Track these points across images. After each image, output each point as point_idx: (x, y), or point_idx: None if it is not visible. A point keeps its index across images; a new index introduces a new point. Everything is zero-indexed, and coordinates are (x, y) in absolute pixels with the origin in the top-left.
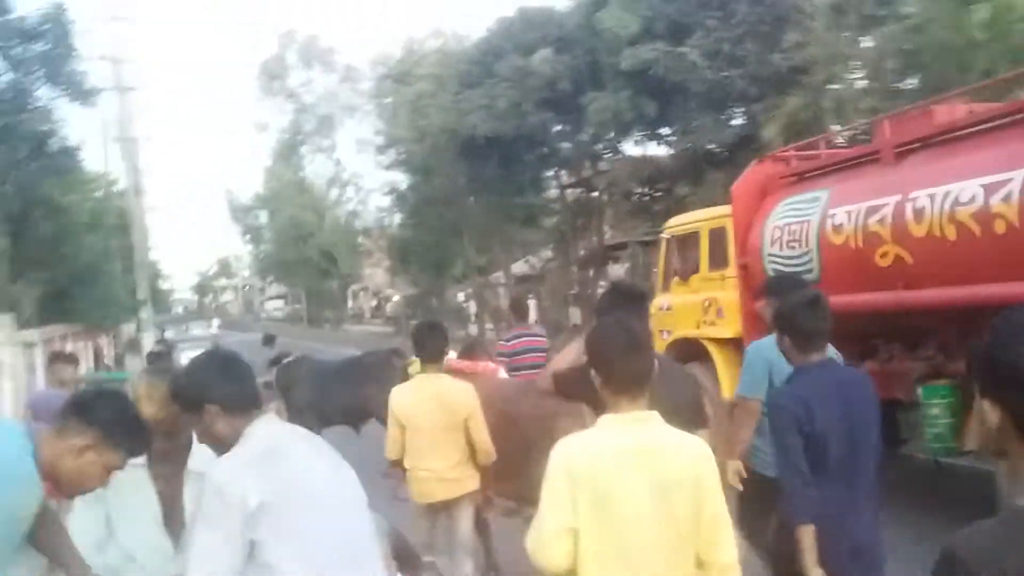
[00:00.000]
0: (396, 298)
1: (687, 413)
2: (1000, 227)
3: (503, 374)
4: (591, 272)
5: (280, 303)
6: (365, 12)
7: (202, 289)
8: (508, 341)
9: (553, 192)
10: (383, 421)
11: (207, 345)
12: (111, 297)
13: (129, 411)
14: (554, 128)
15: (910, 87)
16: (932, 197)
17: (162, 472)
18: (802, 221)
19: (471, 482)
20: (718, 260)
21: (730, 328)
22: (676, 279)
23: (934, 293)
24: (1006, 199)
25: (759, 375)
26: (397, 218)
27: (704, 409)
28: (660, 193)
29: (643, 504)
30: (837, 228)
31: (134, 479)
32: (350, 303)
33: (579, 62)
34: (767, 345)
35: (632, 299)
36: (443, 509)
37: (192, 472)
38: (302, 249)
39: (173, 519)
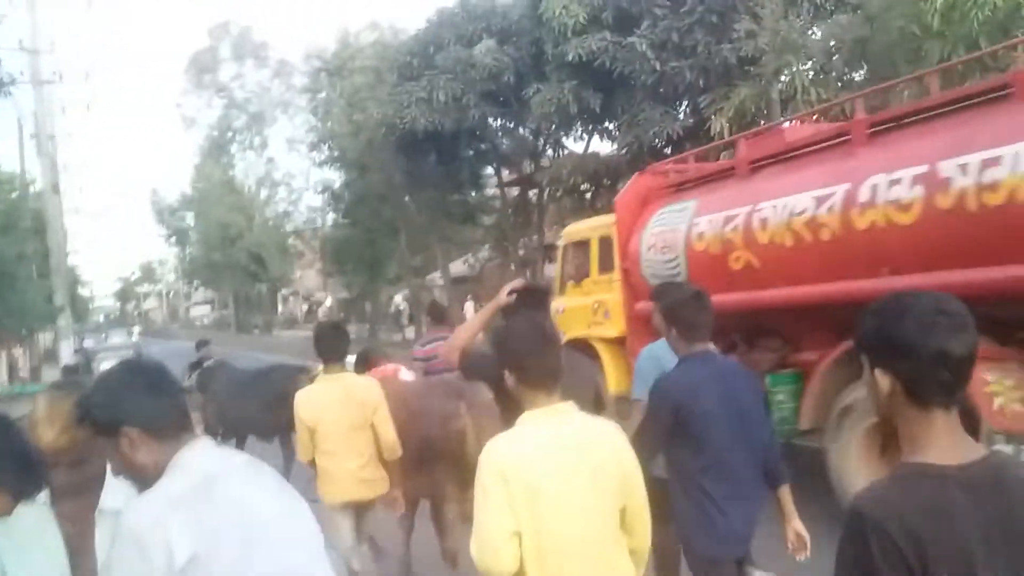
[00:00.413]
0: (328, 302)
1: (592, 401)
2: (826, 234)
3: (405, 375)
4: (528, 272)
5: (207, 309)
6: (299, 4)
7: (124, 295)
8: (423, 346)
9: (492, 190)
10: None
11: (128, 354)
12: (26, 304)
13: (13, 442)
14: (495, 122)
15: (860, 78)
16: (775, 208)
17: (68, 511)
18: (673, 229)
19: (383, 484)
20: (606, 265)
21: (615, 328)
22: (571, 283)
23: (776, 293)
24: (830, 210)
25: (649, 377)
26: (330, 218)
27: (603, 396)
28: (603, 189)
29: (575, 495)
30: (700, 236)
31: (34, 521)
32: (279, 308)
33: (523, 53)
34: (658, 348)
35: (536, 297)
36: (355, 509)
37: (105, 511)
38: (230, 252)
39: (82, 568)
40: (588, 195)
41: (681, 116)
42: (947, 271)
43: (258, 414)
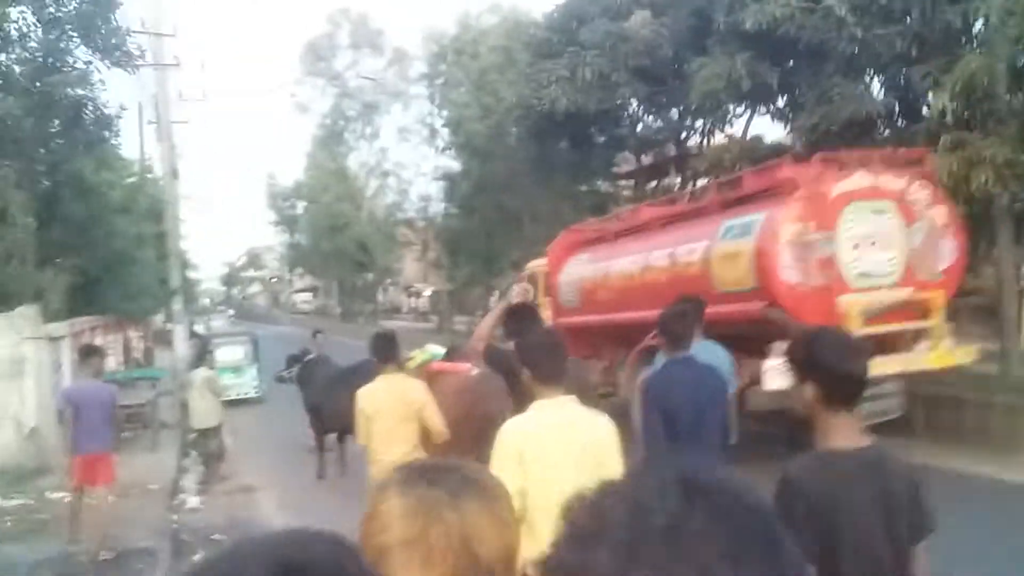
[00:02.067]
0: (428, 292)
1: (587, 394)
2: (649, 278)
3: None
4: None
5: (308, 296)
6: None
7: (230, 280)
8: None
9: (624, 181)
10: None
11: (244, 341)
12: (143, 287)
13: None
14: (638, 104)
15: None
16: (618, 263)
17: None
18: (577, 271)
19: None
20: (544, 292)
21: None
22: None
23: (619, 315)
24: (648, 267)
25: None
26: (441, 207)
27: (594, 389)
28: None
29: (570, 462)
30: (588, 278)
31: None
32: (380, 297)
33: (682, 25)
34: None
35: (530, 310)
36: None
37: None
38: (338, 240)
39: None
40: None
41: (885, 94)
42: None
43: (346, 406)
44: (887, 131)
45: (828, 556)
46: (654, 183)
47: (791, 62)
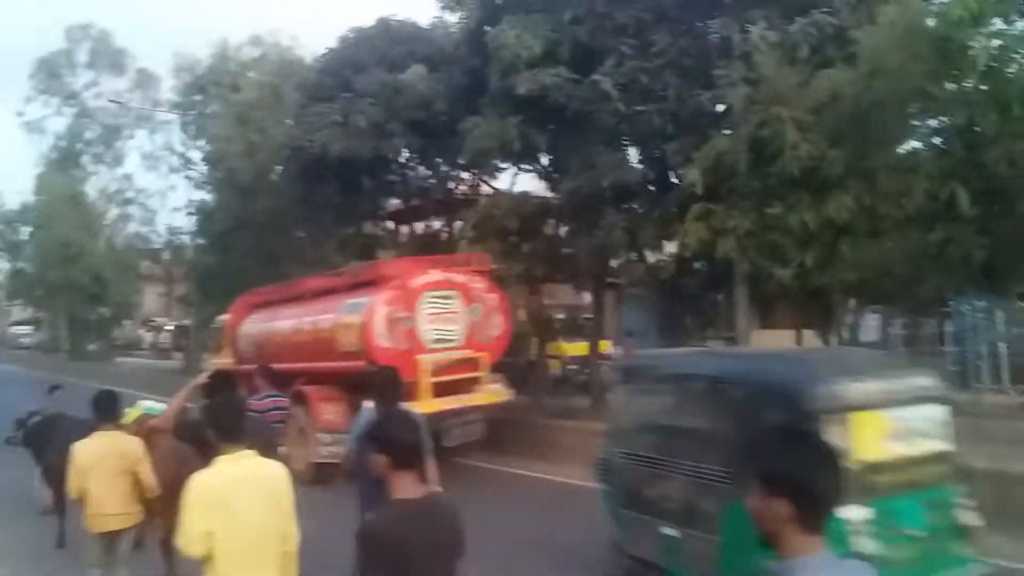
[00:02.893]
0: (170, 327)
1: (268, 448)
2: (298, 338)
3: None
4: None
5: (29, 329)
6: (165, 10)
7: None
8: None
9: (392, 223)
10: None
11: None
12: None
13: None
14: (411, 154)
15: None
16: (285, 322)
17: None
18: (251, 329)
19: (136, 516)
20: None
21: None
22: (221, 351)
23: (282, 365)
24: (298, 329)
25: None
26: (192, 241)
27: (273, 442)
28: (539, 236)
29: (253, 509)
30: (259, 333)
31: None
32: (115, 332)
33: (457, 83)
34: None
35: (227, 379)
36: (111, 536)
37: None
38: (69, 271)
39: None
40: (514, 238)
41: (642, 164)
42: (321, 362)
43: None
44: (643, 198)
45: None
46: (422, 226)
47: (559, 127)
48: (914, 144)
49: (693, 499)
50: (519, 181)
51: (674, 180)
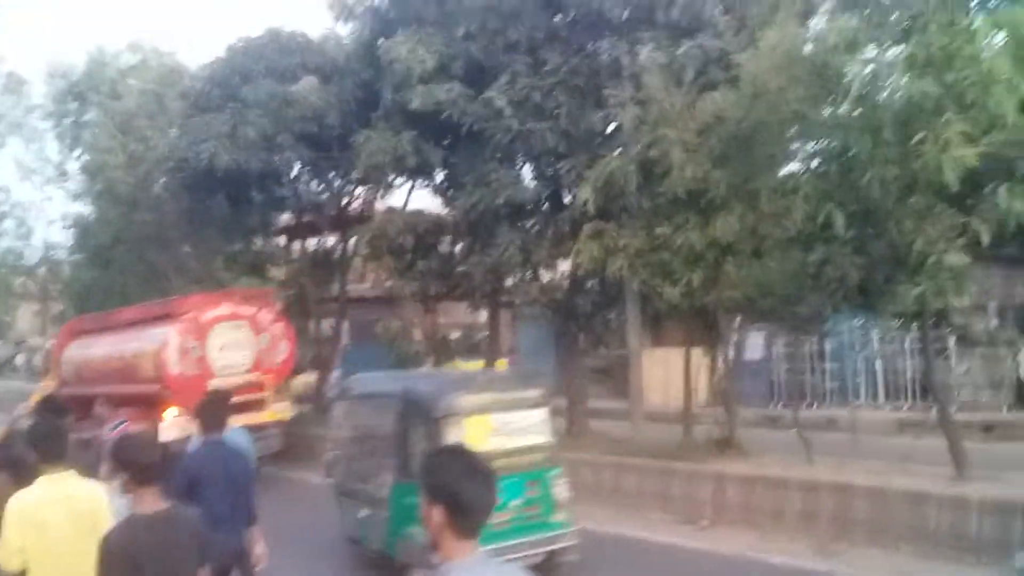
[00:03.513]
0: (47, 346)
1: (89, 470)
2: (110, 364)
3: None
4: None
5: None
6: (37, 13)
7: None
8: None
9: (283, 239)
10: None
11: None
12: None
13: None
14: (302, 167)
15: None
16: (99, 349)
17: None
18: (74, 353)
19: None
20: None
21: None
22: (51, 372)
23: (96, 389)
24: (110, 356)
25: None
26: (69, 256)
27: (96, 465)
28: (433, 251)
29: (66, 528)
30: (79, 358)
31: None
32: None
33: (349, 96)
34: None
35: (55, 403)
36: None
37: None
38: None
39: None
40: (409, 255)
41: (536, 182)
42: (126, 385)
43: None
44: (537, 216)
45: None
46: (314, 242)
47: (453, 143)
48: (794, 166)
49: (375, 486)
50: (414, 197)
51: (567, 199)
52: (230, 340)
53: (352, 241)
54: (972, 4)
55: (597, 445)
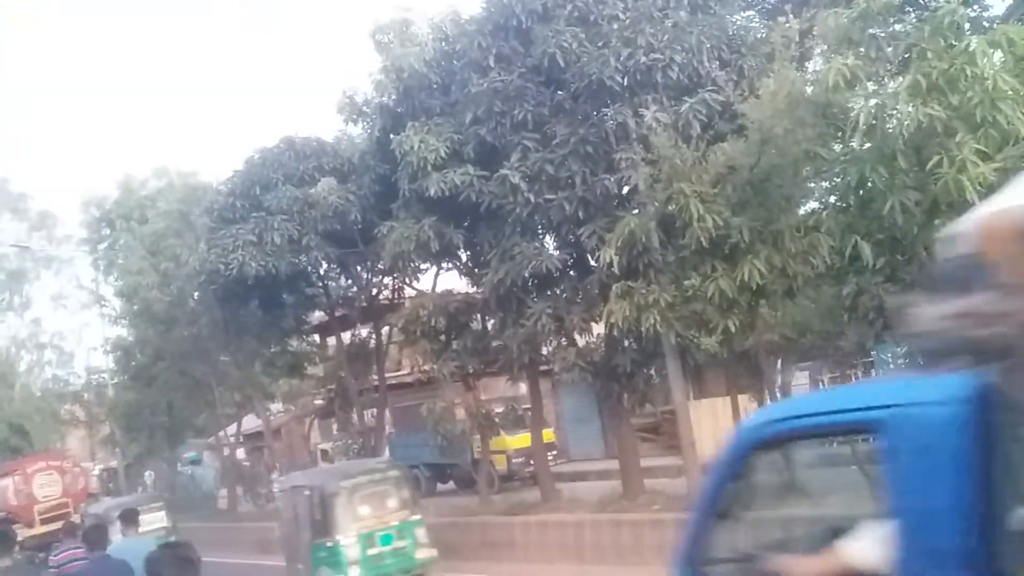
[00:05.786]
0: (96, 471)
1: None
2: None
3: None
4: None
5: None
6: (63, 152)
7: None
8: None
9: (318, 336)
10: None
11: None
12: None
13: None
14: (330, 264)
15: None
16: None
17: None
18: None
19: None
20: None
21: None
22: None
23: None
24: None
25: None
26: (113, 379)
27: None
28: (467, 330)
29: None
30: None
31: None
32: None
33: (367, 191)
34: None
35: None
36: None
37: None
38: None
39: None
40: (443, 336)
41: (559, 250)
42: None
43: None
44: (565, 283)
45: None
46: (348, 336)
47: (474, 223)
48: (813, 204)
49: (304, 548)
50: (441, 280)
51: (592, 263)
52: (46, 481)
53: (385, 330)
54: (966, 27)
55: (654, 503)
